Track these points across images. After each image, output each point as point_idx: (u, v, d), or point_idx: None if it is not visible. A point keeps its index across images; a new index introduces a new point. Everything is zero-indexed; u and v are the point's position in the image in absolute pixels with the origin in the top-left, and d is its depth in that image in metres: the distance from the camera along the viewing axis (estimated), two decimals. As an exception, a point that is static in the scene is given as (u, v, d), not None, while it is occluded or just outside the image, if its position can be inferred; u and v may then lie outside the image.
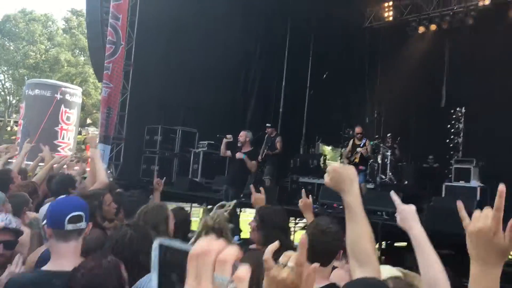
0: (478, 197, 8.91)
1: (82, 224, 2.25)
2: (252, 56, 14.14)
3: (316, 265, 1.19)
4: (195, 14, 11.84)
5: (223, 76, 12.94)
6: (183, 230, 3.29)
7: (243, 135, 7.68)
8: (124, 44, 11.31)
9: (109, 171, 10.69)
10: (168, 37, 11.75)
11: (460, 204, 1.34)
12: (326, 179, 1.65)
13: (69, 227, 2.18)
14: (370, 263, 1.57)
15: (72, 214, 2.21)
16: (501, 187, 1.24)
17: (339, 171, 1.64)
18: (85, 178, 4.94)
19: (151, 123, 12.00)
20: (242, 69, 14.02)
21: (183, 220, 3.41)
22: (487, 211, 1.25)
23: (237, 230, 7.57)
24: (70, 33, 38.71)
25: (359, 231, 1.61)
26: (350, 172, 1.65)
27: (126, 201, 3.57)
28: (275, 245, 1.14)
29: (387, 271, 1.85)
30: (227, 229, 3.09)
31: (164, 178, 4.86)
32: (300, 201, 3.37)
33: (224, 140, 7.83)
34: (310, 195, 3.43)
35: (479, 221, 1.24)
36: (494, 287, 1.23)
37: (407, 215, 1.70)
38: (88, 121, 39.54)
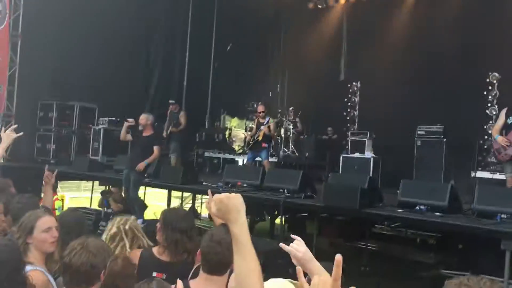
0: (371, 168, 9.60)
1: None
2: (154, 28, 13.62)
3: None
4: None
5: (123, 49, 12.31)
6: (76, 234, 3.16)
7: (144, 118, 7.50)
8: (9, 13, 10.32)
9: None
10: (61, 5, 10.89)
11: (298, 269, 1.52)
12: (213, 209, 1.62)
13: None
14: None
15: None
16: (338, 257, 1.37)
17: (225, 202, 1.59)
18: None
19: (44, 99, 11.22)
20: (143, 42, 13.48)
21: (75, 224, 3.27)
22: (325, 277, 1.40)
23: (141, 213, 7.48)
24: None
25: (246, 267, 1.56)
26: (237, 202, 1.60)
27: (14, 207, 3.35)
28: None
29: (277, 285, 1.90)
30: (137, 228, 3.05)
31: (56, 170, 4.56)
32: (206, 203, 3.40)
33: (126, 124, 7.60)
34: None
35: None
36: None
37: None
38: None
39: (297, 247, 1.76)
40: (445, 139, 9.17)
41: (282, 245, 1.69)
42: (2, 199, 3.54)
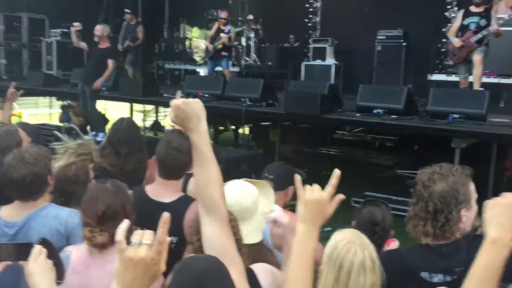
0: (333, 74, 9.64)
1: None
2: None
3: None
4: None
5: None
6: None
7: (100, 29, 7.20)
8: None
9: None
10: None
11: (297, 177, 1.58)
12: (171, 115, 1.52)
13: None
14: (217, 212, 1.52)
15: None
16: (337, 172, 1.52)
17: (184, 107, 1.48)
18: None
19: (-12, 11, 10.50)
20: None
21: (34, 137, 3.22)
22: (316, 186, 1.53)
23: (101, 127, 7.41)
24: None
25: (206, 175, 1.51)
26: (196, 107, 1.49)
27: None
28: (125, 224, 1.10)
29: (235, 194, 1.92)
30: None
31: (22, 91, 4.40)
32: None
33: (72, 29, 7.27)
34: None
35: (315, 193, 1.52)
36: (316, 243, 1.53)
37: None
38: None
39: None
40: (404, 43, 9.20)
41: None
42: None
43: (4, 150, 2.63)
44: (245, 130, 10.23)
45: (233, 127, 10.30)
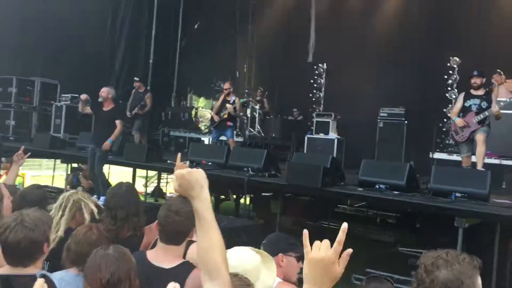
0: (335, 148, 9.77)
1: None
2: (119, 3, 13.29)
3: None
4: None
5: (87, 23, 11.98)
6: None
7: (105, 91, 7.38)
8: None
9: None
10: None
11: (305, 232, 1.47)
12: (174, 184, 1.57)
13: None
14: (219, 276, 1.51)
15: None
16: (345, 225, 1.41)
17: (187, 177, 1.54)
18: None
19: (3, 74, 10.84)
20: (107, 17, 13.14)
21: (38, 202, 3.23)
22: (326, 242, 1.42)
23: (104, 190, 7.38)
24: None
25: (208, 241, 1.53)
26: (199, 177, 1.55)
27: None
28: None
29: (238, 257, 1.92)
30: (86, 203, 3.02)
31: (29, 153, 4.49)
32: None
33: (80, 101, 7.48)
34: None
35: (321, 251, 1.40)
36: None
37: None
38: None
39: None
40: (406, 121, 9.41)
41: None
42: None
43: None
44: (247, 200, 10.18)
45: (235, 196, 10.27)
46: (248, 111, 11.58)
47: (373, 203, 7.92)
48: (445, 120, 9.34)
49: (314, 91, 12.06)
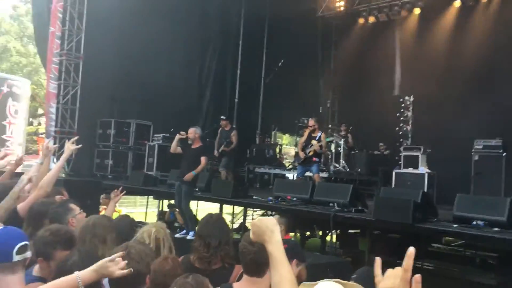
0: (426, 183, 9.31)
1: (28, 253, 2.22)
2: (207, 46, 14.04)
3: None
4: (147, 5, 11.60)
5: (177, 67, 12.80)
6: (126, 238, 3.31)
7: (192, 132, 7.69)
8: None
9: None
10: (119, 27, 11.46)
11: (377, 260, 1.45)
12: (250, 234, 1.80)
13: (16, 258, 2.15)
14: None
15: (20, 244, 2.17)
16: (411, 250, 1.35)
17: (258, 224, 1.78)
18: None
19: (103, 116, 11.75)
20: (196, 60, 13.90)
21: (126, 228, 3.42)
22: (397, 270, 1.37)
23: (192, 226, 7.61)
24: (18, 21, 37.01)
25: (279, 276, 1.71)
26: (269, 223, 1.78)
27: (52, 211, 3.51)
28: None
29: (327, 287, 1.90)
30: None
31: (124, 191, 4.83)
32: None
33: (177, 137, 7.82)
34: None
35: (389, 280, 1.38)
36: None
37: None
38: (40, 111, 38.17)
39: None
40: (504, 154, 8.77)
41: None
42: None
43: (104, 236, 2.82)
44: (333, 237, 9.95)
45: (320, 232, 10.08)
46: (333, 146, 11.47)
47: (471, 241, 7.37)
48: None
49: (401, 124, 11.70)
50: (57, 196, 4.15)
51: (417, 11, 12.52)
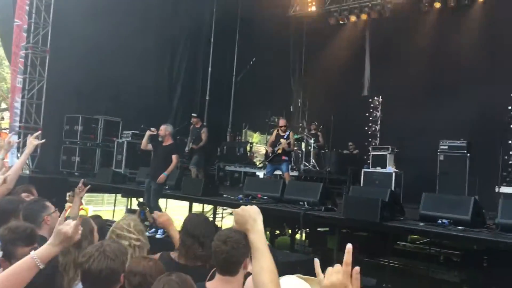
0: (393, 182, 9.50)
1: None
2: (178, 43, 13.93)
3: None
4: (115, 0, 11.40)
5: (147, 63, 12.63)
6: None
7: (163, 129, 7.64)
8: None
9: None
10: (88, 21, 11.20)
11: (316, 261, 1.48)
12: (233, 223, 1.80)
13: None
14: None
15: None
16: (349, 246, 1.41)
17: (241, 213, 1.77)
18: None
19: (70, 112, 11.49)
20: (167, 56, 13.77)
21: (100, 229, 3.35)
22: (338, 267, 1.41)
23: (161, 224, 7.51)
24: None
25: (259, 266, 1.69)
26: (252, 212, 1.77)
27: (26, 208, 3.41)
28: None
29: (287, 282, 1.91)
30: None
31: (89, 186, 4.72)
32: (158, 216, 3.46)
33: (148, 133, 7.74)
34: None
35: (332, 276, 1.40)
36: None
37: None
38: (3, 105, 36.99)
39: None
40: (468, 154, 9.03)
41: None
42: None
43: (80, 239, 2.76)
44: (302, 235, 10.03)
45: (290, 231, 10.14)
46: (303, 145, 11.56)
47: (436, 239, 7.55)
48: (510, 152, 8.90)
49: (370, 124, 11.90)
50: (23, 193, 4.02)
51: (386, 13, 12.71)
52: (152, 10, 12.29)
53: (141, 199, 10.80)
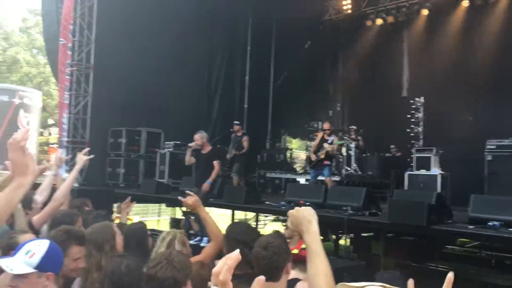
0: (439, 184, 9.25)
1: None
2: (215, 53, 14.13)
3: (261, 278, 1.19)
4: (156, 15, 11.72)
5: (186, 76, 12.89)
6: (140, 247, 3.34)
7: (199, 138, 7.69)
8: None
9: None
10: (127, 38, 11.56)
11: (409, 283, 1.48)
12: (288, 223, 1.76)
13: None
14: None
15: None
16: (450, 275, 1.40)
17: (296, 214, 1.75)
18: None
19: (114, 126, 11.83)
20: (205, 67, 13.99)
21: (139, 236, 3.45)
22: None
23: (206, 232, 7.61)
24: (27, 33, 37.49)
25: (314, 268, 1.67)
26: (307, 213, 1.75)
27: (91, 222, 3.57)
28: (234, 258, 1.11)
29: None
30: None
31: (135, 202, 4.88)
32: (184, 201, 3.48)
33: (188, 149, 7.87)
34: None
35: None
36: None
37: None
38: (51, 121, 38.51)
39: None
40: (518, 153, 8.70)
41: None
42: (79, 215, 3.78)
43: (101, 243, 2.88)
44: (346, 241, 9.91)
45: (334, 236, 10.04)
46: (344, 149, 11.45)
47: (486, 242, 7.30)
48: None
49: (412, 126, 11.65)
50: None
51: (425, 12, 12.48)
52: (189, 23, 12.55)
53: (184, 208, 11.01)
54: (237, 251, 1.15)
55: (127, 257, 2.46)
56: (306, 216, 1.74)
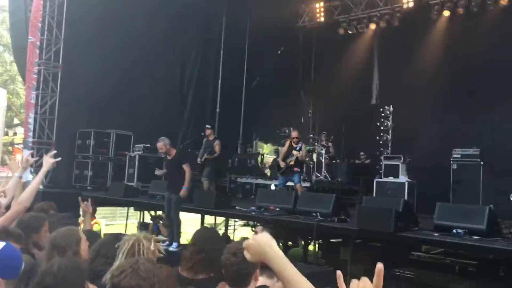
0: (406, 192, 9.42)
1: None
2: (188, 56, 14.03)
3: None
4: (126, 14, 11.55)
5: (158, 77, 12.76)
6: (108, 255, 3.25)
7: (162, 146, 7.59)
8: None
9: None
10: (98, 37, 11.37)
11: (338, 274, 1.40)
12: (246, 256, 1.63)
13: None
14: None
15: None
16: (379, 266, 1.33)
17: (254, 243, 1.60)
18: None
19: (83, 127, 11.58)
20: (177, 70, 13.87)
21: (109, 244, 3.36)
22: (364, 283, 1.34)
23: (177, 237, 7.54)
24: (-7, 29, 36.42)
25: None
26: (264, 240, 1.60)
27: (56, 226, 3.46)
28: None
29: None
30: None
31: (89, 199, 4.77)
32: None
33: (160, 173, 8.23)
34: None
35: None
36: None
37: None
38: (16, 121, 37.45)
39: None
40: (482, 162, 8.95)
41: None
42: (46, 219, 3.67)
43: (64, 248, 2.81)
44: (315, 247, 9.97)
45: (303, 242, 10.09)
46: (314, 156, 11.54)
47: (451, 249, 7.46)
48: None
49: (381, 133, 11.83)
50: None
51: (395, 22, 12.72)
52: (163, 23, 12.43)
53: (153, 212, 10.87)
54: None
55: (62, 258, 2.40)
56: (266, 242, 1.58)
